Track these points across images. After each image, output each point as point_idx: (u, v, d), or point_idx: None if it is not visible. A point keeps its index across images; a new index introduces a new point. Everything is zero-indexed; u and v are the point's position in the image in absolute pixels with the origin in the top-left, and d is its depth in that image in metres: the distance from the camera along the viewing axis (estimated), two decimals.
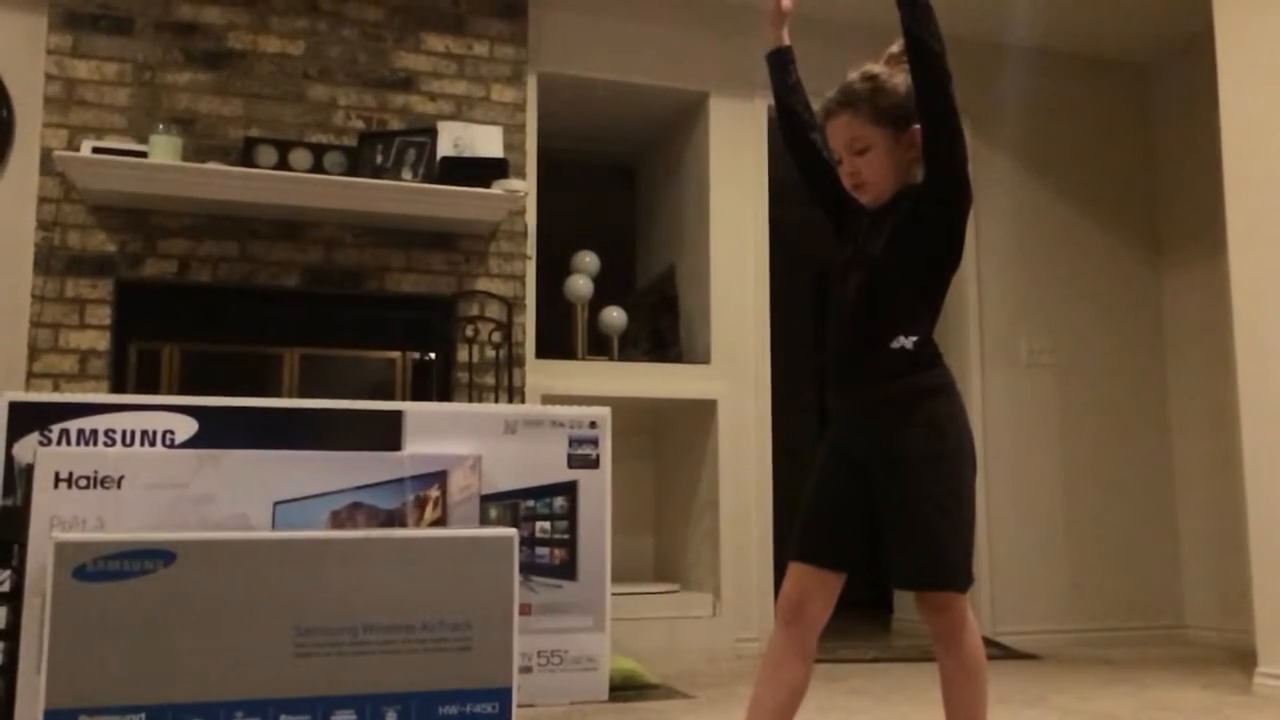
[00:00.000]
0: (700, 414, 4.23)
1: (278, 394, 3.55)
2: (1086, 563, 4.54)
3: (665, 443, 4.54)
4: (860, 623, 4.94)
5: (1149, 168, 4.88)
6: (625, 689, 3.08)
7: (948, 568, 1.71)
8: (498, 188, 3.66)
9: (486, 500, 2.89)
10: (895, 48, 1.83)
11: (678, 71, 4.32)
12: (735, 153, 4.36)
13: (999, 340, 4.57)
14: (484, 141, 3.80)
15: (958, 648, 1.75)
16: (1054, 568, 4.50)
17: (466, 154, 3.74)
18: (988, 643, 4.35)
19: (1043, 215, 4.71)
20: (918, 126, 1.76)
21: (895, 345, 1.73)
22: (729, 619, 4.05)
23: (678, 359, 4.37)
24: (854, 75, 1.84)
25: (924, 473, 1.70)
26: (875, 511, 1.75)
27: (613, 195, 5.34)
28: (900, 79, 1.78)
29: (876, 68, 1.83)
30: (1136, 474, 4.66)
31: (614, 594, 3.07)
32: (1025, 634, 4.29)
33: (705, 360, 4.23)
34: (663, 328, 4.51)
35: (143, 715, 2.32)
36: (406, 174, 3.64)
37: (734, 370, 4.23)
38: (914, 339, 1.74)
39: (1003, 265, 4.62)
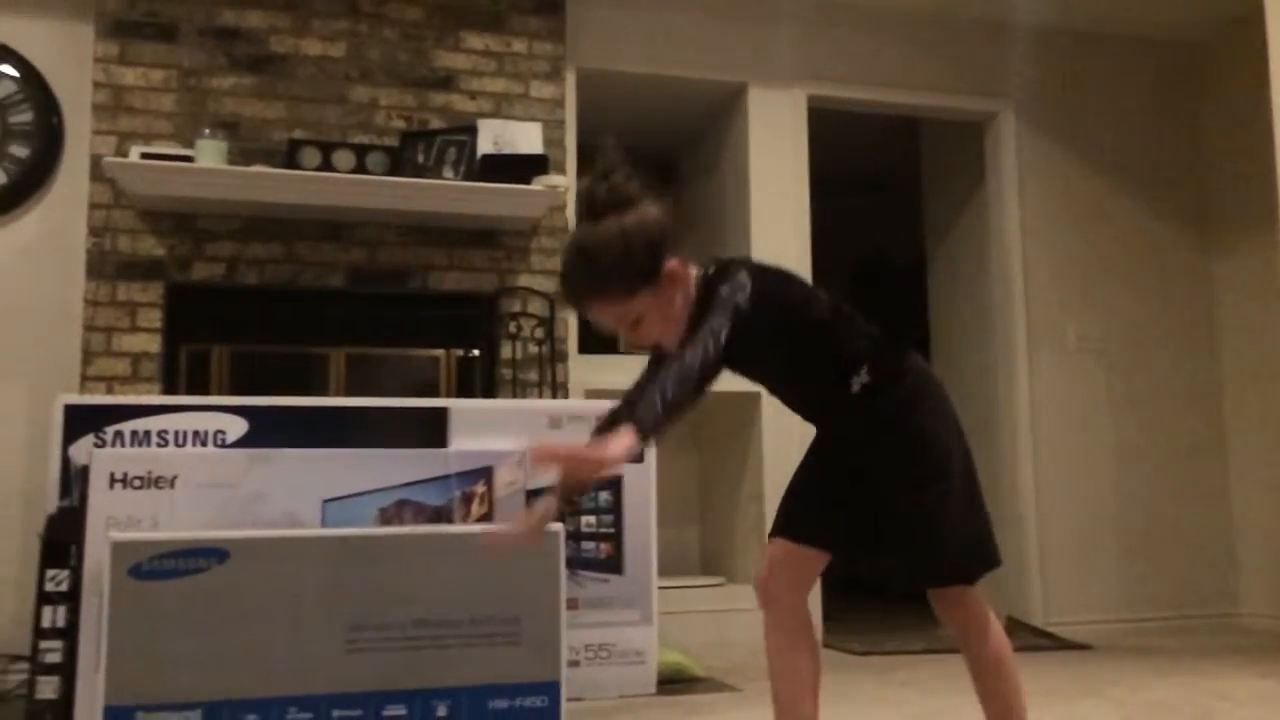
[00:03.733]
0: (743, 406, 4.22)
1: (324, 393, 3.58)
2: (1139, 551, 4.48)
3: (709, 435, 4.53)
4: (908, 615, 4.91)
5: (1198, 150, 4.79)
6: (673, 682, 3.09)
7: (950, 566, 1.72)
8: (538, 184, 3.67)
9: (532, 495, 2.91)
10: (591, 192, 1.63)
11: (715, 63, 4.31)
12: (774, 143, 4.33)
13: (1046, 326, 4.51)
14: (524, 138, 3.81)
15: (982, 637, 1.75)
16: (1106, 557, 4.44)
17: (506, 151, 3.75)
18: (1038, 633, 4.31)
19: (1089, 200, 4.64)
20: (671, 263, 1.63)
21: (855, 389, 1.71)
22: None
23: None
24: (567, 254, 1.66)
25: (913, 485, 1.70)
26: (868, 508, 1.73)
27: (653, 189, 5.32)
28: (611, 224, 1.60)
29: (582, 235, 1.63)
30: (1190, 460, 4.58)
31: (660, 587, 3.07)
32: (1077, 624, 4.24)
33: None
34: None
35: (199, 711, 2.36)
36: (448, 172, 3.67)
37: None
38: (865, 368, 1.71)
39: (1048, 251, 4.56)
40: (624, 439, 1.42)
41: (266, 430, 2.85)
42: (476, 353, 3.80)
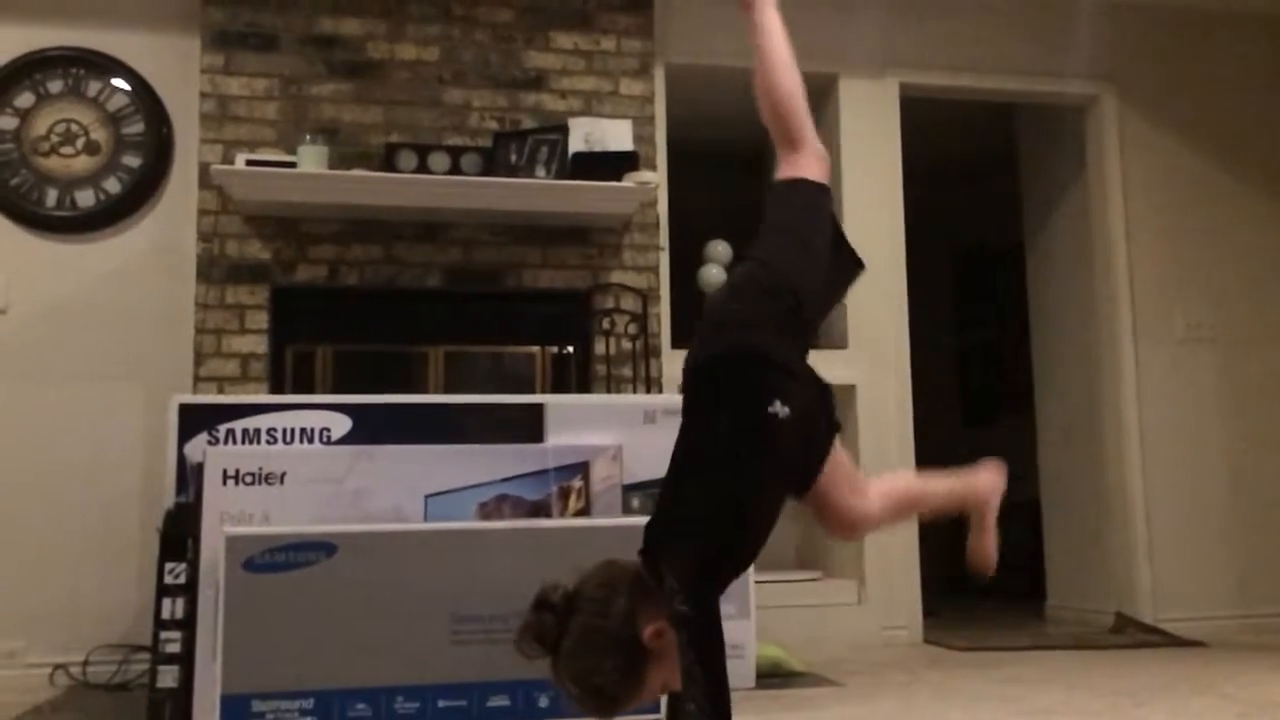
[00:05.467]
0: (839, 399, 4.17)
1: (424, 390, 3.65)
2: (1253, 546, 4.32)
3: None
4: (1013, 612, 4.82)
5: None
6: (772, 676, 3.08)
7: None
8: (629, 180, 3.69)
9: (628, 490, 2.93)
10: (537, 629, 1.58)
11: (805, 54, 4.17)
12: (867, 134, 4.28)
13: (1152, 314, 4.38)
14: (614, 135, 3.83)
15: None
16: (1218, 551, 4.29)
17: (597, 149, 3.78)
18: (1148, 629, 4.19)
19: (1196, 184, 4.48)
20: (646, 632, 1.55)
21: (783, 415, 1.61)
22: (875, 607, 3.99)
23: (814, 345, 4.33)
24: (570, 693, 1.59)
25: None
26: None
27: (743, 183, 5.31)
28: (572, 646, 1.56)
29: (562, 674, 1.58)
30: None
31: (756, 581, 3.07)
32: (1190, 620, 4.11)
33: (842, 345, 4.17)
34: None
35: (311, 700, 2.44)
36: (540, 171, 3.71)
37: (872, 355, 4.17)
38: (777, 402, 1.62)
39: (1154, 236, 4.42)
40: None
41: (369, 427, 2.92)
42: (571, 349, 3.83)
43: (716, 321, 1.72)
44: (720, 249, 4.34)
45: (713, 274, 4.25)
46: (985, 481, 2.04)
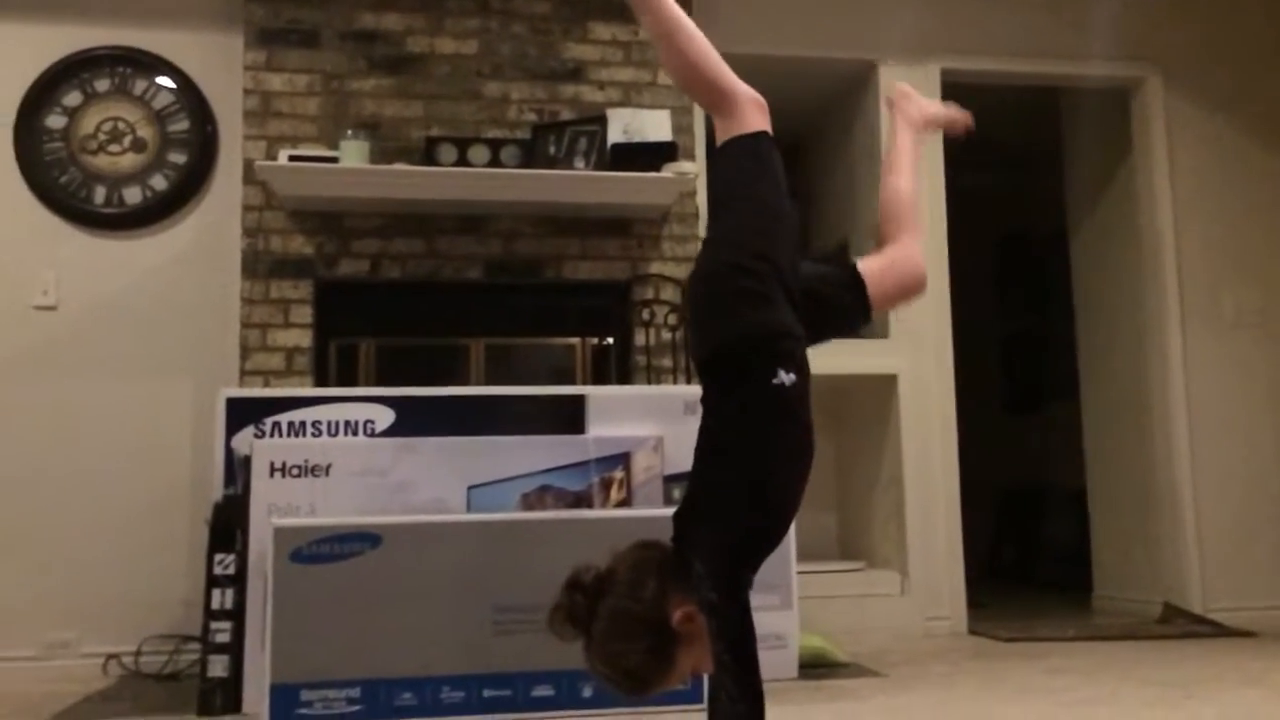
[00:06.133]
0: (881, 389, 4.16)
1: (465, 383, 3.67)
2: None
3: (846, 419, 4.49)
4: (1059, 602, 4.78)
5: None
6: (815, 667, 3.08)
7: None
8: (668, 171, 3.68)
9: (669, 480, 2.93)
10: (569, 610, 1.60)
11: (844, 41, 4.24)
12: None
13: (1200, 298, 4.31)
14: (653, 126, 3.82)
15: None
16: (1269, 540, 4.22)
17: (636, 139, 3.77)
18: (1197, 620, 4.13)
19: (1245, 165, 4.40)
20: (675, 616, 1.56)
21: (786, 382, 1.62)
22: (918, 597, 3.97)
23: (855, 334, 4.30)
24: (600, 676, 1.61)
25: None
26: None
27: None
28: (602, 630, 1.58)
29: (594, 658, 1.60)
30: None
31: (799, 572, 3.06)
32: (1238, 610, 4.05)
33: (884, 335, 4.15)
34: None
35: (358, 689, 2.47)
36: (579, 163, 3.71)
37: (914, 344, 4.14)
38: (780, 370, 1.63)
39: (1203, 220, 4.35)
40: None
41: (412, 419, 2.95)
42: (611, 340, 3.84)
43: (703, 310, 1.73)
44: None
45: None
46: (904, 109, 2.15)
